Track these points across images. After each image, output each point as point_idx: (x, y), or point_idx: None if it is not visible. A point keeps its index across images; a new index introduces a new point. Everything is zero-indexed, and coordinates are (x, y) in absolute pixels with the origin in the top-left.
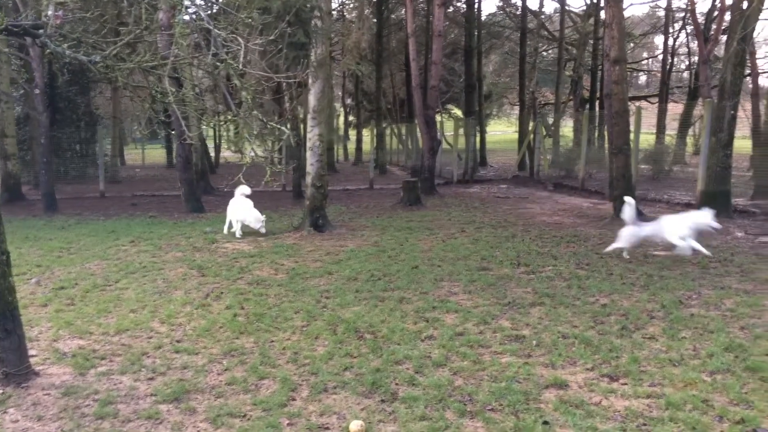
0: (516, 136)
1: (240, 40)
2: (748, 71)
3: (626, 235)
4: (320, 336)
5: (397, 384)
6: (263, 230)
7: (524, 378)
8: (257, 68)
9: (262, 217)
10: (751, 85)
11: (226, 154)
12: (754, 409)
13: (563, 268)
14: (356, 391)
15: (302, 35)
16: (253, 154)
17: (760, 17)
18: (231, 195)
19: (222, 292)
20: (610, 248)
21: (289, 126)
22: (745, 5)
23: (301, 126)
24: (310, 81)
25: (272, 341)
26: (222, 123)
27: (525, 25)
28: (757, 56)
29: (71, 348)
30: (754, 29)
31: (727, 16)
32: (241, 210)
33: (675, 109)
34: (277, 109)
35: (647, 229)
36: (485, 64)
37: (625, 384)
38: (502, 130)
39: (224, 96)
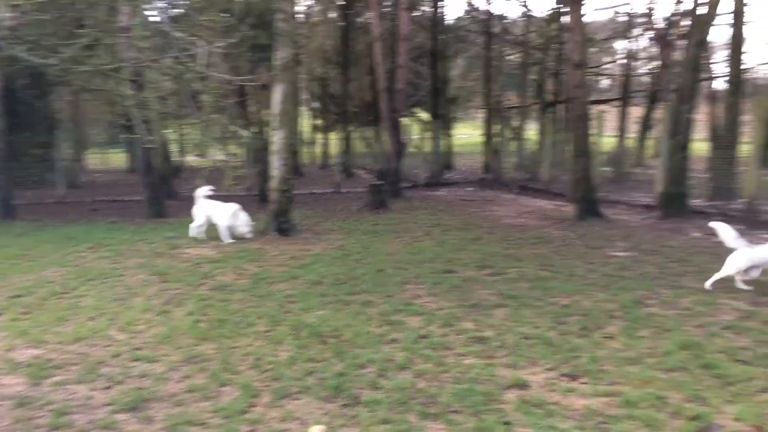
0: (482, 139)
1: (201, 42)
2: (710, 75)
3: (736, 260)
4: (283, 341)
5: (360, 388)
6: (250, 235)
7: (486, 379)
8: (220, 71)
9: (251, 222)
10: (708, 89)
11: (191, 158)
12: (708, 405)
13: (527, 270)
14: (318, 395)
15: (265, 38)
16: (216, 157)
17: (715, 23)
18: (194, 199)
19: (184, 299)
20: (712, 280)
21: (254, 129)
22: (700, 12)
23: (267, 129)
24: (274, 84)
25: (234, 347)
26: (184, 127)
27: (490, 30)
28: (713, 61)
29: (26, 358)
30: (707, 34)
31: (687, 22)
32: (229, 213)
33: (637, 112)
34: (241, 113)
35: (760, 251)
36: (452, 68)
37: (585, 383)
38: (468, 133)
39: (186, 99)
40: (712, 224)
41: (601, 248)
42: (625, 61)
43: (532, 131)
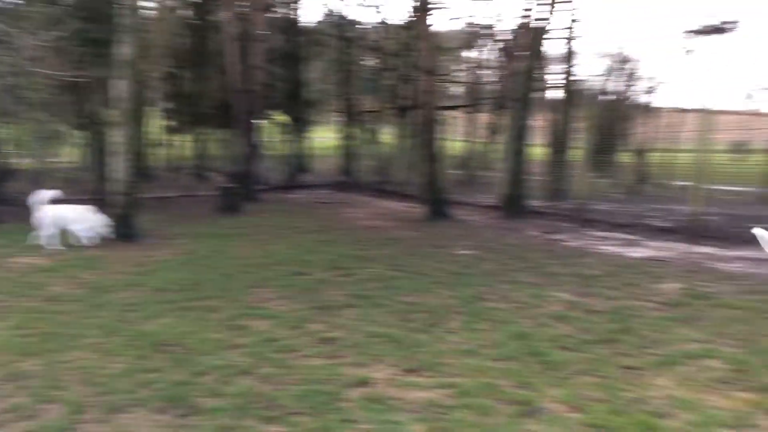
0: (339, 142)
1: (25, 35)
2: (547, 85)
3: None
4: (119, 353)
5: (199, 396)
6: (111, 235)
7: (331, 379)
8: (49, 66)
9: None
10: (546, 98)
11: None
12: (535, 390)
13: (377, 270)
14: (154, 407)
15: (103, 32)
16: (48, 159)
17: (550, 37)
18: (32, 205)
19: (8, 311)
20: None
21: (95, 129)
22: (536, 25)
23: (109, 129)
24: (115, 81)
25: (63, 362)
26: (9, 125)
27: (346, 35)
28: (550, 71)
29: None
30: (542, 47)
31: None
32: (82, 216)
33: (485, 118)
34: (79, 111)
35: None
36: (309, 71)
37: (426, 377)
38: (325, 137)
39: (7, 95)
40: (755, 231)
41: (447, 247)
42: (474, 69)
43: (387, 135)
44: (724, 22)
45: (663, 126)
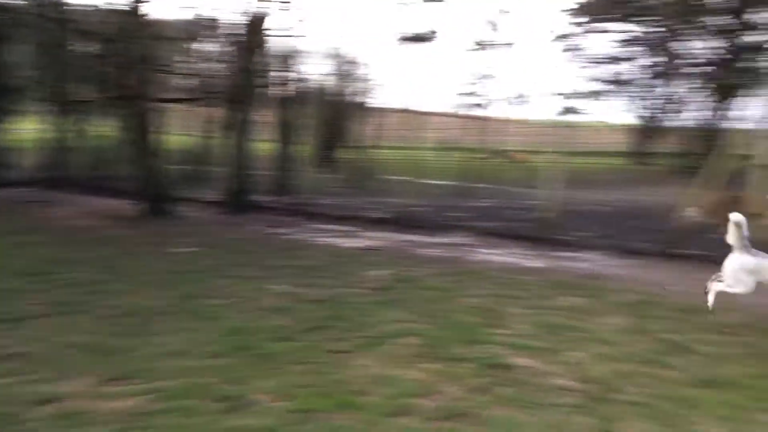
0: (48, 134)
1: None
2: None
3: (734, 270)
4: None
5: None
6: None
7: (12, 399)
8: None
9: None
10: (275, 94)
11: None
12: (245, 384)
13: (85, 274)
14: None
15: None
16: None
17: (275, 34)
18: None
19: None
20: (712, 297)
21: None
22: (259, 22)
23: None
24: None
25: None
26: None
27: (56, 16)
28: (275, 68)
29: None
30: (267, 44)
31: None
32: None
33: (214, 112)
34: None
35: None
36: (11, 55)
37: (129, 385)
38: (32, 128)
39: None
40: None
41: (166, 245)
42: (200, 62)
43: (104, 127)
44: (431, 32)
45: (382, 125)
